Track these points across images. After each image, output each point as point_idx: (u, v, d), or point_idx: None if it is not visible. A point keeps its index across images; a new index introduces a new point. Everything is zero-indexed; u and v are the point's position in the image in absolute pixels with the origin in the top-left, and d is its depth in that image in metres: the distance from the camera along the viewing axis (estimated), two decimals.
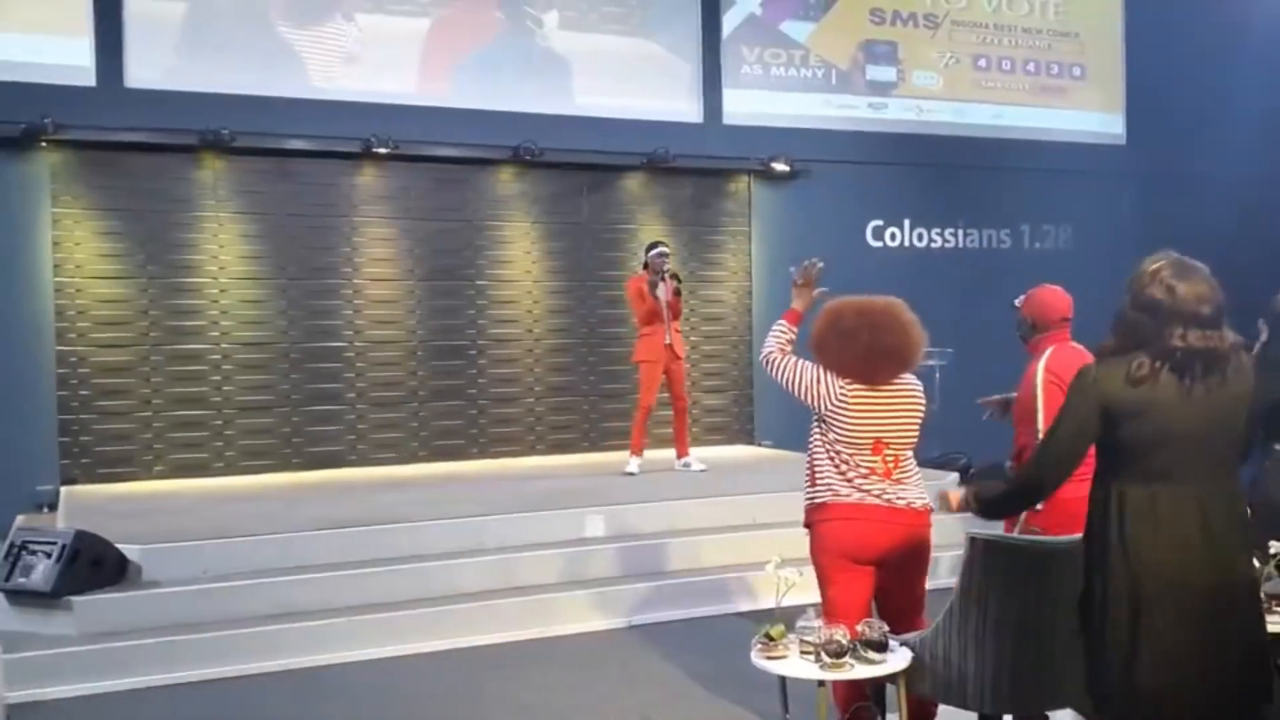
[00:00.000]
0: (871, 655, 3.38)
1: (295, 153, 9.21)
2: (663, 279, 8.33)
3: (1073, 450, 2.82)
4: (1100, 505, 2.78)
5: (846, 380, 3.78)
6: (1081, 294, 4.46)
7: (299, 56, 9.27)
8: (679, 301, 8.43)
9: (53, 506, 7.85)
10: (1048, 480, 2.93)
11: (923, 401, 3.89)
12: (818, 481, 3.83)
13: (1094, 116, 12.14)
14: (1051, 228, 11.87)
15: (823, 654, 3.35)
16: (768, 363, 4.01)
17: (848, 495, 3.75)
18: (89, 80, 8.64)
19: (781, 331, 4.06)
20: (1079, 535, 2.98)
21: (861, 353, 3.75)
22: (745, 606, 6.31)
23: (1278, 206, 9.96)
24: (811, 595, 3.79)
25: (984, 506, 3.11)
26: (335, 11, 9.37)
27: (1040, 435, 3.89)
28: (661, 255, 8.41)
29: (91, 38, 8.65)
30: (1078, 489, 2.97)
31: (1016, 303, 4.44)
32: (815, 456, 3.86)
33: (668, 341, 8.35)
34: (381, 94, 9.39)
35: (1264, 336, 4.75)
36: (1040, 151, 11.61)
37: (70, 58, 8.59)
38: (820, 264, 4.14)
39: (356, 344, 9.48)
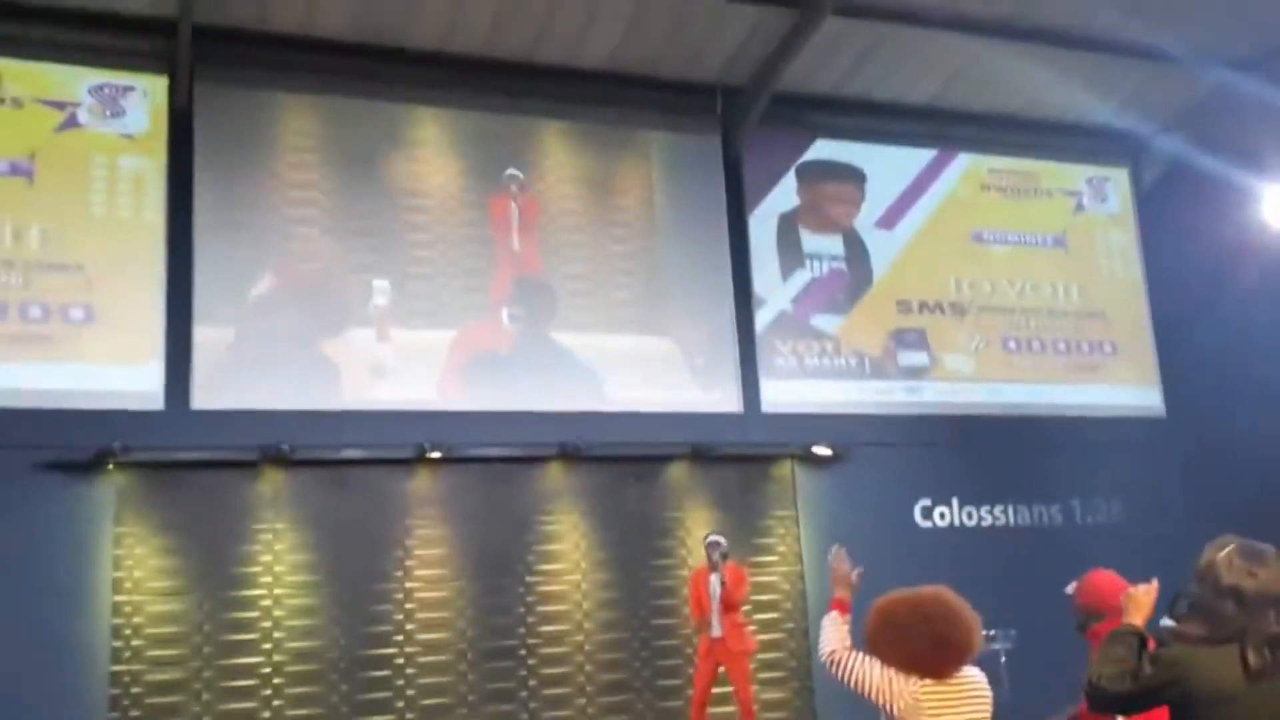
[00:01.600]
0: None
1: (351, 462, 9.49)
2: (714, 570, 8.25)
3: (1115, 704, 2.95)
4: None
5: (915, 677, 3.70)
6: (1137, 569, 4.41)
7: (350, 370, 9.71)
8: (732, 592, 8.22)
9: None
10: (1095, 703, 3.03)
11: (990, 695, 3.79)
12: None
13: (1130, 391, 12.31)
14: (1102, 502, 11.78)
15: None
16: (831, 662, 3.92)
17: None
18: (157, 404, 9.08)
19: (836, 625, 4.01)
20: None
21: (925, 646, 3.68)
22: None
23: None
24: None
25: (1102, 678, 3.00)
26: (372, 328, 9.87)
27: None
28: (712, 545, 8.36)
29: (162, 365, 9.16)
30: None
31: (1069, 590, 4.37)
32: None
33: (716, 634, 8.19)
34: (431, 402, 9.79)
35: None
36: (1081, 427, 11.70)
37: (140, 384, 9.07)
38: (840, 548, 4.15)
39: (407, 649, 9.38)
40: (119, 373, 9.05)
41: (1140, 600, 3.16)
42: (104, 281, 9.15)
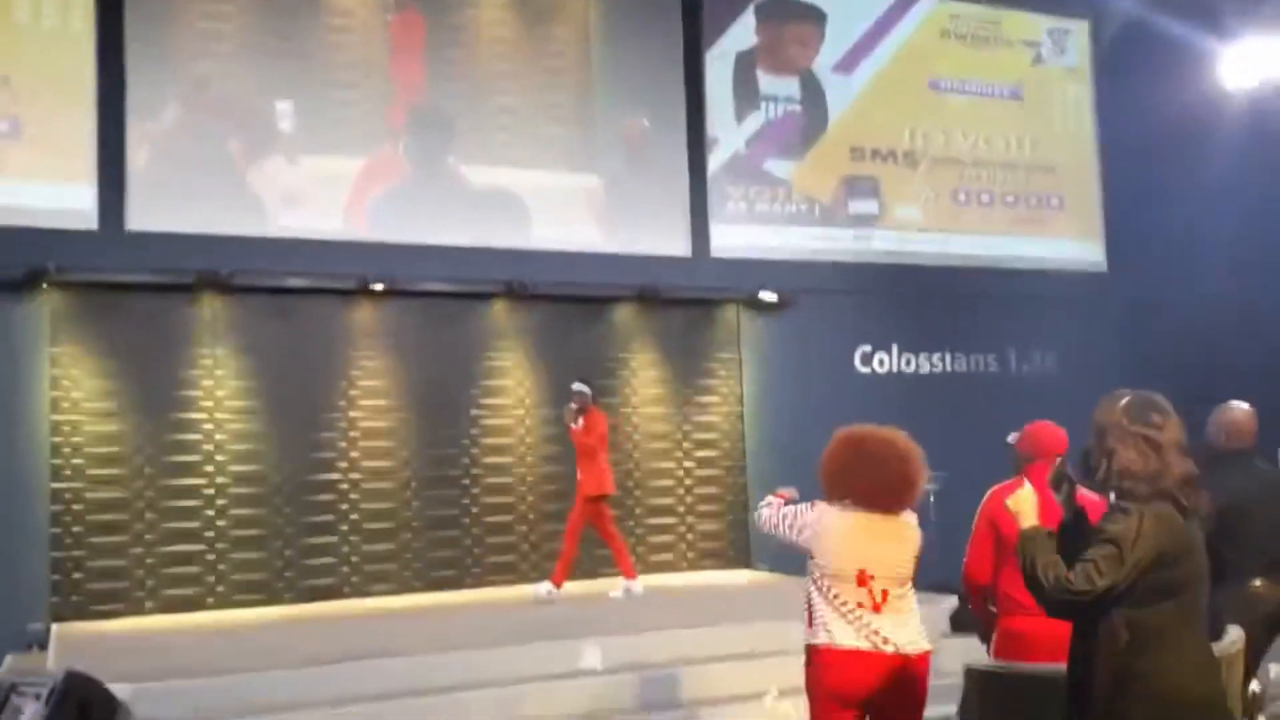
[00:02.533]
0: None
1: (293, 290, 9.37)
2: (572, 421, 8.74)
3: (1106, 597, 2.70)
4: (1125, 635, 2.76)
5: (860, 510, 3.79)
6: (1069, 419, 4.52)
7: (297, 198, 9.48)
8: (584, 436, 8.65)
9: (44, 645, 7.74)
10: (1051, 603, 2.78)
11: (916, 534, 3.90)
12: (813, 620, 3.83)
13: (1074, 245, 12.45)
14: (1038, 352, 12.05)
15: None
16: (770, 525, 4.02)
17: (839, 637, 3.73)
18: (91, 224, 8.84)
19: (772, 505, 4.09)
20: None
21: (893, 481, 3.80)
22: None
23: (1252, 330, 10.20)
24: None
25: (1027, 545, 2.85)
26: (337, 154, 9.62)
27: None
28: (572, 395, 8.76)
29: (95, 184, 8.87)
30: (1032, 624, 3.03)
31: (1010, 439, 4.48)
32: (810, 594, 3.88)
33: (579, 479, 8.75)
34: (377, 233, 9.62)
35: None
36: (1023, 279, 11.87)
37: (73, 203, 8.79)
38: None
39: (350, 475, 9.49)
40: (50, 191, 8.74)
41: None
42: (31, 94, 8.74)
